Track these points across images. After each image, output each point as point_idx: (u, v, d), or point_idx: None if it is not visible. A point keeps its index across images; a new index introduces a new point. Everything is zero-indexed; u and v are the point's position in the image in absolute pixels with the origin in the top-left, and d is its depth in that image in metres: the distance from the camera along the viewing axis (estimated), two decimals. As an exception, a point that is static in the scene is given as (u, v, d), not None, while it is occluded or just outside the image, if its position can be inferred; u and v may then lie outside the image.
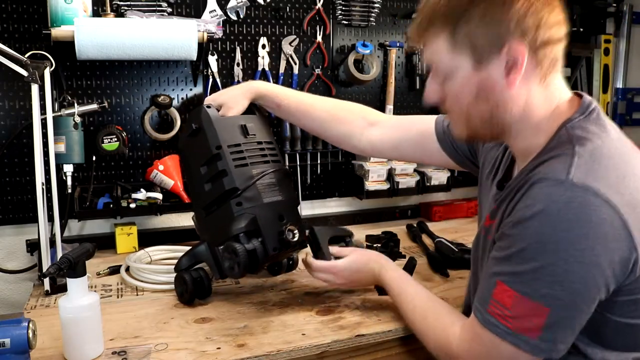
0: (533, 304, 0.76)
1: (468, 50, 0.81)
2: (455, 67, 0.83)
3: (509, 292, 0.78)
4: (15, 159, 1.56)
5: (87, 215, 1.58)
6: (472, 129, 0.88)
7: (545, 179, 0.76)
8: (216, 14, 1.69)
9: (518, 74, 0.80)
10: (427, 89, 0.91)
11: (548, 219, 0.74)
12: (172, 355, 0.99)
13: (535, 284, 0.76)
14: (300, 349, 1.02)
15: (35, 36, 1.52)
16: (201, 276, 1.22)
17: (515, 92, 0.82)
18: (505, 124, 0.85)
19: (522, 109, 0.84)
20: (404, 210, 2.07)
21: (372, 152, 1.33)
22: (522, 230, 0.77)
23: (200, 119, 1.24)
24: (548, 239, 0.74)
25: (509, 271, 0.79)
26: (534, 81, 0.82)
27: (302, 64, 1.83)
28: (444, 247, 1.52)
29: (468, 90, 0.83)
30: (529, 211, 0.76)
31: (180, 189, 1.66)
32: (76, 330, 0.97)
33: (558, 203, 0.73)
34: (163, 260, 1.51)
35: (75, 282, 0.97)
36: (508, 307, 0.78)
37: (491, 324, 0.80)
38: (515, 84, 0.80)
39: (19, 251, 1.61)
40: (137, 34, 1.42)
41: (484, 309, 0.82)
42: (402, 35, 1.98)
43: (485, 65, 0.81)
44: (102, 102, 1.57)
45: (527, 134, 0.86)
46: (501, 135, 0.89)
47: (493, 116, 0.85)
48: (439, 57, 0.85)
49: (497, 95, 0.82)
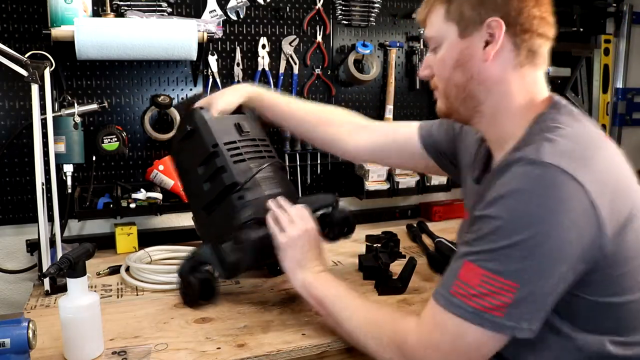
0: (502, 280, 0.76)
1: (456, 20, 0.89)
2: (444, 35, 0.91)
3: (477, 270, 0.78)
4: (15, 159, 1.56)
5: (87, 215, 1.58)
6: (449, 100, 0.94)
7: (519, 159, 0.79)
8: (216, 14, 1.69)
9: (493, 49, 0.86)
10: (422, 65, 0.98)
11: (521, 196, 0.76)
12: (172, 355, 0.99)
13: (506, 260, 0.76)
14: (300, 349, 1.02)
15: (35, 36, 1.52)
16: (207, 278, 1.19)
17: (490, 68, 0.88)
18: (480, 99, 0.90)
19: (497, 89, 0.89)
20: (404, 210, 2.07)
21: (358, 156, 1.38)
22: (497, 208, 0.78)
23: (195, 120, 1.26)
24: (521, 215, 0.76)
25: (478, 250, 0.79)
26: (509, 64, 0.88)
27: (302, 64, 1.83)
28: (444, 247, 1.52)
29: (450, 56, 0.90)
30: (503, 189, 0.78)
31: (180, 189, 1.66)
32: (76, 330, 0.97)
33: (530, 180, 0.76)
34: (163, 260, 1.50)
35: (75, 282, 0.97)
36: (474, 286, 0.78)
37: (455, 306, 0.79)
38: (489, 56, 0.86)
39: (19, 251, 1.61)
40: (137, 34, 1.42)
41: (446, 291, 0.81)
42: (402, 35, 1.98)
43: (468, 36, 0.88)
44: (102, 102, 1.57)
45: (502, 120, 0.90)
46: (476, 114, 0.93)
47: (467, 87, 0.90)
48: (434, 27, 0.93)
49: (473, 66, 0.88)
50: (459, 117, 0.97)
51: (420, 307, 1.21)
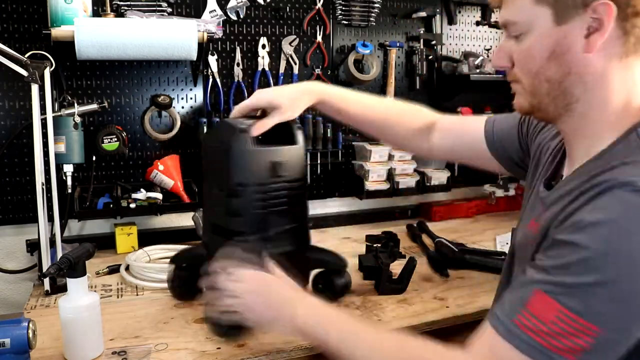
0: (582, 322, 0.64)
1: (552, 3, 0.74)
2: (534, 20, 0.76)
3: (552, 304, 0.66)
4: (15, 159, 1.56)
5: (87, 215, 1.58)
6: (537, 97, 0.80)
7: (623, 185, 0.66)
8: (216, 14, 1.69)
9: (600, 38, 0.72)
10: (497, 51, 0.83)
11: (621, 228, 0.64)
12: (172, 355, 0.99)
13: (590, 299, 0.64)
14: (300, 349, 1.02)
15: (35, 36, 1.52)
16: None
17: (593, 59, 0.74)
18: (575, 97, 0.77)
19: (596, 85, 0.75)
20: (404, 210, 2.07)
21: (432, 156, 1.33)
22: (589, 236, 0.65)
23: (231, 144, 1.07)
24: (618, 250, 0.64)
25: (556, 281, 0.67)
26: (615, 54, 0.74)
27: (302, 64, 1.83)
28: (444, 247, 1.52)
29: (543, 47, 0.76)
30: (597, 217, 0.66)
31: (180, 189, 1.66)
32: (76, 330, 0.97)
33: (636, 213, 0.64)
34: (162, 259, 1.50)
35: (75, 282, 0.97)
36: (546, 322, 0.66)
37: (519, 339, 0.67)
38: (595, 47, 0.72)
39: (19, 251, 1.61)
40: (137, 34, 1.42)
41: (508, 319, 0.69)
42: (402, 35, 1.98)
43: (566, 22, 0.73)
44: (102, 102, 1.57)
45: (594, 122, 0.77)
46: (565, 112, 0.79)
47: (563, 83, 0.77)
48: (518, 10, 0.77)
49: (571, 58, 0.75)
50: (544, 116, 0.84)
51: (420, 307, 1.21)
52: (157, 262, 1.48)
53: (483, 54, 2.08)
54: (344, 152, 1.94)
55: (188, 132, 1.73)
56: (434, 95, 2.06)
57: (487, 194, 2.08)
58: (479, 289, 1.30)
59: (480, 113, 2.08)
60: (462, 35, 2.10)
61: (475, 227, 1.92)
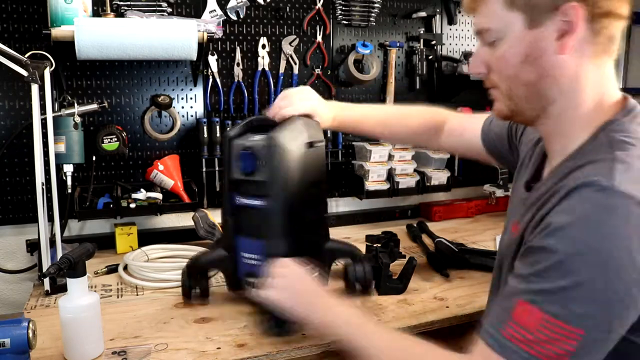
0: (565, 326, 0.65)
1: (523, 8, 0.76)
2: (507, 26, 0.77)
3: (535, 313, 0.67)
4: (15, 159, 1.56)
5: (87, 215, 1.58)
6: (514, 101, 0.82)
7: (588, 184, 0.68)
8: (216, 14, 1.69)
9: (572, 39, 0.74)
10: (473, 58, 0.85)
11: (588, 228, 0.65)
12: (172, 355, 0.99)
13: (569, 303, 0.65)
14: (300, 349, 1.02)
15: (35, 36, 1.52)
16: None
17: (566, 61, 0.76)
18: (551, 98, 0.79)
19: (570, 86, 0.77)
20: (404, 210, 2.07)
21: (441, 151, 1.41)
22: (559, 240, 0.67)
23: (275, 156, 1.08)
24: (588, 250, 0.65)
25: (536, 289, 0.68)
26: (587, 55, 0.76)
27: (302, 64, 1.83)
28: (444, 247, 1.52)
29: (517, 52, 0.77)
30: (566, 218, 0.67)
31: (180, 189, 1.66)
32: (76, 330, 0.97)
33: (601, 211, 0.66)
34: (160, 259, 1.51)
35: (75, 282, 0.97)
36: (531, 331, 0.67)
37: (510, 350, 0.68)
38: (567, 48, 0.74)
39: (19, 251, 1.61)
40: (137, 34, 1.42)
41: (498, 332, 0.70)
42: (402, 35, 1.98)
43: (538, 25, 0.75)
44: (102, 102, 1.57)
45: (569, 122, 0.79)
46: (542, 114, 0.81)
47: (539, 86, 0.78)
48: (491, 17, 0.79)
49: (546, 60, 0.76)
50: (522, 119, 0.86)
51: (420, 307, 1.21)
52: (155, 261, 1.48)
53: (483, 54, 2.07)
54: (344, 152, 1.94)
55: (188, 132, 1.73)
56: (434, 95, 2.06)
57: (487, 194, 2.08)
58: (479, 289, 1.30)
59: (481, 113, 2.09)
60: (462, 35, 2.10)
61: (475, 227, 1.92)
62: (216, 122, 1.71)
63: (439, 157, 1.99)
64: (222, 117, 1.75)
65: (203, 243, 1.59)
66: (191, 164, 1.74)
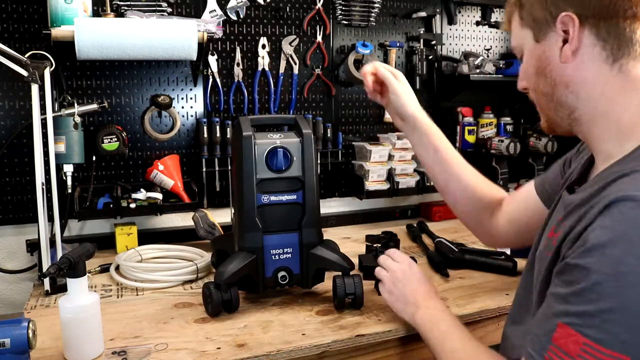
0: (608, 352, 0.62)
1: (530, 24, 0.81)
2: (523, 42, 0.84)
3: (576, 337, 0.64)
4: (15, 159, 1.56)
5: (87, 215, 1.58)
6: (545, 113, 0.85)
7: (628, 199, 0.64)
8: (216, 14, 1.69)
9: (571, 46, 0.76)
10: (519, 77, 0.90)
11: (630, 247, 0.62)
12: (172, 355, 0.99)
13: (611, 327, 0.62)
14: (300, 349, 1.02)
15: (35, 36, 1.52)
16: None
17: (571, 69, 0.77)
18: (571, 106, 0.80)
19: (588, 92, 0.77)
20: (404, 210, 2.07)
21: (491, 244, 1.29)
22: (597, 259, 0.64)
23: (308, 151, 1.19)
24: (630, 271, 0.61)
25: (576, 311, 0.65)
26: (598, 61, 0.76)
27: (302, 64, 1.83)
28: (444, 247, 1.52)
29: (531, 65, 0.83)
30: (605, 236, 0.64)
31: (180, 189, 1.66)
32: (76, 330, 0.97)
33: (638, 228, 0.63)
34: (153, 259, 1.50)
35: (75, 282, 0.97)
36: (573, 356, 0.64)
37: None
38: (569, 56, 0.77)
39: (19, 251, 1.61)
40: (137, 34, 1.42)
41: (540, 356, 0.68)
42: (402, 35, 1.99)
43: (544, 38, 0.80)
44: (102, 102, 1.57)
45: (603, 128, 0.78)
46: (573, 122, 0.81)
47: (555, 95, 0.80)
48: (515, 36, 0.86)
49: (554, 70, 0.79)
50: (560, 130, 0.85)
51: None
52: (148, 261, 1.47)
53: (483, 54, 2.08)
54: (344, 152, 1.94)
55: (188, 132, 1.73)
56: (434, 95, 2.07)
57: (487, 194, 2.08)
58: (479, 289, 1.30)
59: (480, 113, 2.09)
60: (462, 35, 2.10)
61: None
62: (216, 122, 1.71)
63: (439, 157, 1.99)
64: (222, 117, 1.75)
65: (202, 243, 1.59)
66: (191, 164, 1.74)
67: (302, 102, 1.86)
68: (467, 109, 2.06)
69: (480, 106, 2.09)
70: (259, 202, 1.18)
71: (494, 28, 2.14)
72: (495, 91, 2.14)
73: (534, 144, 2.01)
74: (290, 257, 1.20)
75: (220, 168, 1.75)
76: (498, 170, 2.02)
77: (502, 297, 1.24)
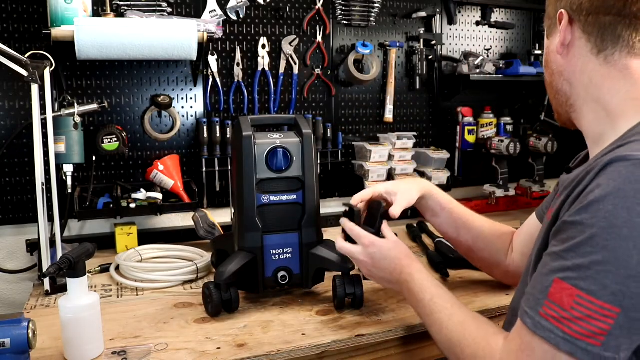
0: (600, 303, 0.64)
1: (545, 22, 0.90)
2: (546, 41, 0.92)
3: (570, 290, 0.66)
4: (15, 159, 1.56)
5: (87, 215, 1.58)
6: (552, 103, 0.93)
7: (623, 158, 0.67)
8: (216, 14, 1.69)
9: (561, 40, 0.84)
10: None
11: (624, 201, 0.64)
12: (172, 355, 0.99)
13: (604, 279, 0.64)
14: (300, 349, 1.02)
15: (35, 36, 1.52)
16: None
17: (567, 60, 0.85)
18: (566, 93, 0.87)
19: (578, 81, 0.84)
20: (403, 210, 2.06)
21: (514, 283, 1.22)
22: (592, 214, 0.66)
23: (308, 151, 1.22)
24: (623, 224, 0.64)
25: (570, 265, 0.67)
26: (585, 53, 0.83)
27: (302, 64, 1.83)
28: (444, 247, 1.52)
29: (544, 59, 0.92)
30: (600, 192, 0.66)
31: (180, 189, 1.66)
32: (76, 330, 0.97)
33: (634, 182, 0.65)
34: (153, 259, 1.50)
35: (75, 282, 0.97)
36: (566, 309, 0.66)
37: (544, 329, 0.68)
38: (560, 49, 0.85)
39: (19, 251, 1.61)
40: (137, 34, 1.42)
41: (534, 311, 0.70)
42: (402, 35, 1.99)
43: (552, 34, 0.88)
44: (102, 102, 1.57)
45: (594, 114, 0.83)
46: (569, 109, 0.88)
47: (553, 83, 0.89)
48: None
49: (553, 62, 0.88)
50: (564, 120, 0.91)
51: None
52: (148, 261, 1.47)
53: (483, 54, 2.08)
54: (344, 152, 1.94)
55: (188, 132, 1.73)
56: (434, 95, 2.07)
57: (487, 194, 2.08)
58: (479, 289, 1.30)
59: (481, 113, 2.09)
60: (462, 35, 2.10)
61: (475, 227, 1.91)
62: (216, 122, 1.71)
63: (439, 157, 2.00)
64: (222, 117, 1.75)
65: (202, 243, 1.59)
66: (191, 164, 1.74)
67: (302, 102, 1.86)
68: (467, 109, 2.06)
69: (480, 106, 2.09)
70: (259, 202, 1.18)
71: (493, 28, 2.14)
72: (495, 91, 2.14)
73: (534, 144, 2.01)
74: (290, 257, 1.20)
75: (220, 168, 1.75)
76: (498, 170, 2.02)
77: (502, 297, 1.24)
